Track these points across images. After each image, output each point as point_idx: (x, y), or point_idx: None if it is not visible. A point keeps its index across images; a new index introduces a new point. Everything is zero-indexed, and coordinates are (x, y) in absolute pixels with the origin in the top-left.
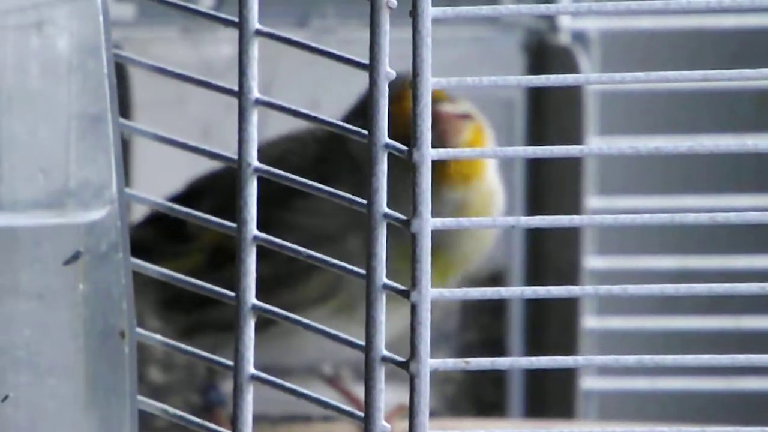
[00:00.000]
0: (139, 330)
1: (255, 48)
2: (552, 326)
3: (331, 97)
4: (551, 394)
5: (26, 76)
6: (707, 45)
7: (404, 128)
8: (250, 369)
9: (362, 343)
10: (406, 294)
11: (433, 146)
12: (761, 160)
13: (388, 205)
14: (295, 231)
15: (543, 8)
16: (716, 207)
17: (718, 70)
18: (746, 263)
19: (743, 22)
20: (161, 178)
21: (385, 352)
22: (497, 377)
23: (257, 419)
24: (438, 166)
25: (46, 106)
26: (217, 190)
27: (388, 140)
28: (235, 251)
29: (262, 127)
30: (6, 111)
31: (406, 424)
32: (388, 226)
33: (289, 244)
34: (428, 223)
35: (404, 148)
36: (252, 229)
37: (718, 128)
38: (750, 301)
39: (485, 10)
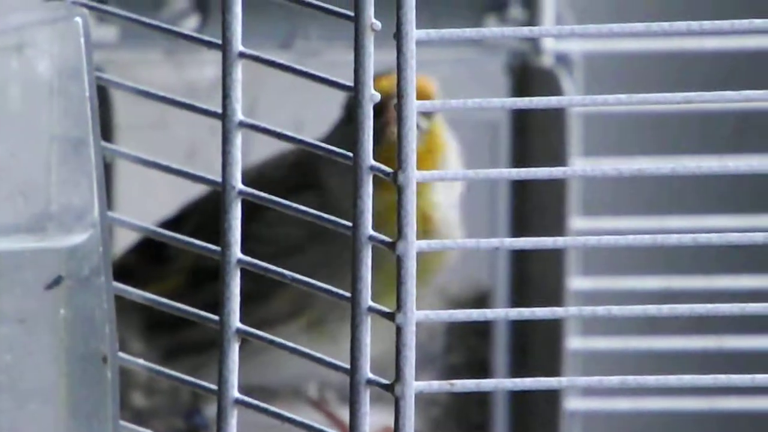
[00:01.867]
0: (122, 354)
1: (239, 70)
2: (537, 347)
3: (315, 118)
4: (536, 415)
5: (7, 99)
6: (689, 67)
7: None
8: (235, 393)
9: (347, 366)
10: (391, 316)
11: (375, 140)
12: (742, 181)
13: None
14: (261, 242)
15: (526, 30)
16: (699, 228)
17: (699, 93)
18: (729, 284)
19: (724, 45)
20: (144, 202)
21: (371, 375)
22: (482, 399)
23: None
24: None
25: (27, 130)
26: (199, 211)
27: (373, 162)
28: (213, 270)
29: (246, 150)
30: None
31: None
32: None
33: (274, 268)
34: (413, 245)
35: (389, 170)
36: (236, 252)
37: (701, 150)
38: (732, 322)
39: (469, 32)
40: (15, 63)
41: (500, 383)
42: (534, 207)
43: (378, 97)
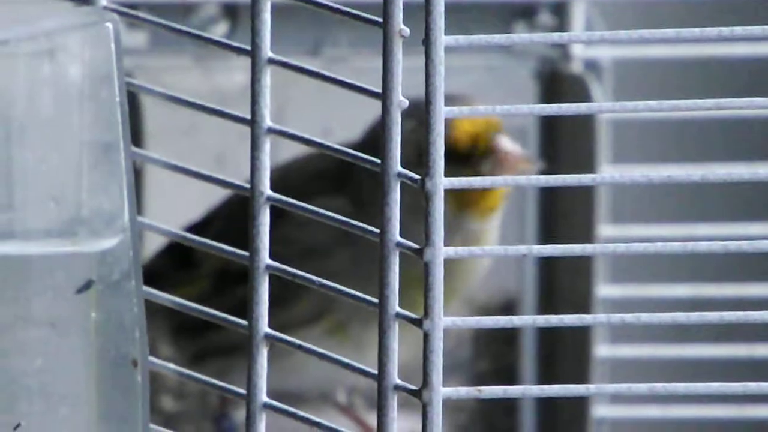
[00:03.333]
0: (152, 358)
1: (267, 76)
2: (564, 354)
3: (343, 125)
4: (563, 422)
5: (38, 105)
6: (720, 73)
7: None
8: (263, 397)
9: (375, 371)
10: (418, 323)
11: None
12: None
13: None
14: (288, 243)
15: (556, 37)
16: (729, 235)
17: (730, 99)
18: (759, 291)
19: (755, 51)
20: (174, 207)
21: (398, 381)
22: (509, 405)
23: None
24: (463, 194)
25: (58, 135)
26: (224, 215)
27: (400, 169)
28: (238, 274)
29: (274, 156)
30: (18, 139)
31: None
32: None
33: (303, 273)
34: (441, 252)
35: (417, 177)
36: (265, 257)
37: (731, 157)
38: (763, 329)
39: (498, 38)
40: (47, 68)
41: (527, 390)
42: (562, 214)
43: (406, 103)
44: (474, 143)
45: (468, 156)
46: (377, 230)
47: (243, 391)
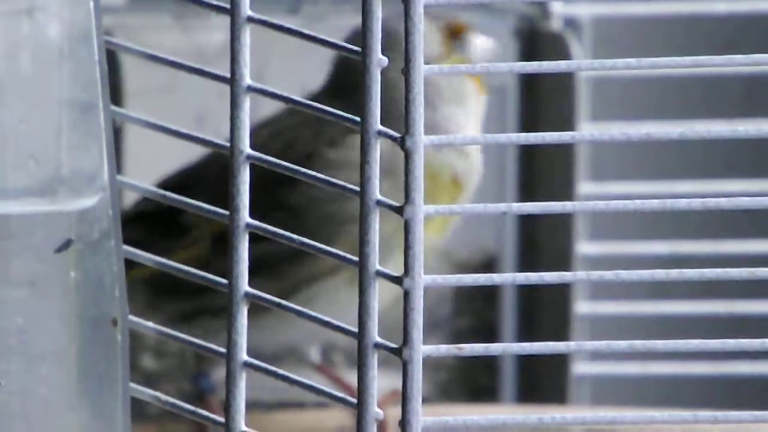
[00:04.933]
0: (131, 317)
1: (247, 35)
2: (545, 312)
3: (323, 83)
4: (544, 379)
5: (17, 64)
6: (699, 31)
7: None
8: (243, 356)
9: (355, 329)
10: (399, 281)
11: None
12: (752, 145)
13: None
14: (312, 188)
15: None
16: (708, 192)
17: (709, 56)
18: (738, 248)
19: (735, 8)
20: (153, 166)
21: (378, 339)
22: (490, 363)
23: (250, 406)
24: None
25: (37, 94)
26: (207, 179)
27: (380, 127)
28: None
29: (254, 114)
30: None
31: (398, 410)
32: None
33: (282, 232)
34: (421, 209)
35: (397, 135)
36: (244, 216)
37: (710, 114)
38: (742, 286)
39: None
40: (25, 27)
41: (508, 347)
42: (542, 171)
43: (385, 61)
44: (446, 29)
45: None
46: (357, 189)
47: (223, 349)
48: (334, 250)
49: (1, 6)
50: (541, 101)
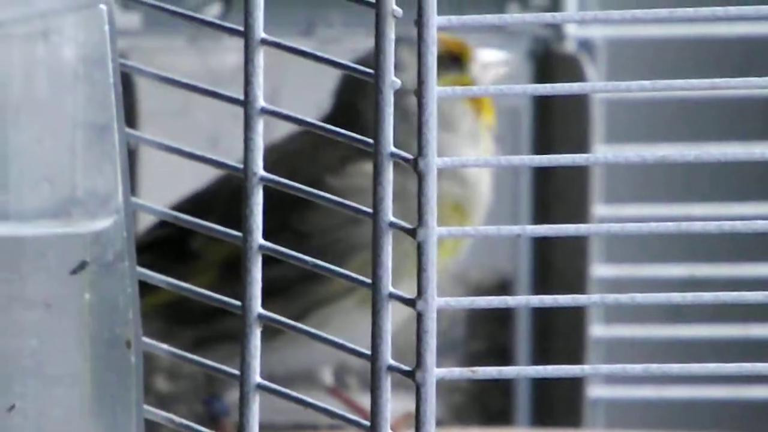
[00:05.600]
0: (145, 339)
1: (261, 57)
2: (559, 335)
3: None
4: (558, 402)
5: (33, 86)
6: (713, 53)
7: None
8: (257, 378)
9: (368, 352)
10: (412, 303)
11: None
12: None
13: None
14: (325, 217)
15: (549, 16)
16: (723, 215)
17: (724, 79)
18: (753, 272)
19: (749, 31)
20: (167, 188)
21: (392, 362)
22: (504, 386)
23: (263, 429)
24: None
25: (53, 116)
26: (218, 202)
27: (393, 149)
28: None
29: (268, 136)
30: (12, 120)
31: None
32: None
33: (294, 253)
34: (434, 231)
35: (410, 156)
36: (257, 238)
37: (725, 136)
38: (757, 310)
39: (491, 18)
40: (40, 50)
41: (522, 370)
42: (556, 194)
43: (398, 83)
44: (455, 48)
45: (454, 62)
46: (370, 210)
47: (236, 371)
48: (347, 272)
49: (16, 28)
50: (556, 123)
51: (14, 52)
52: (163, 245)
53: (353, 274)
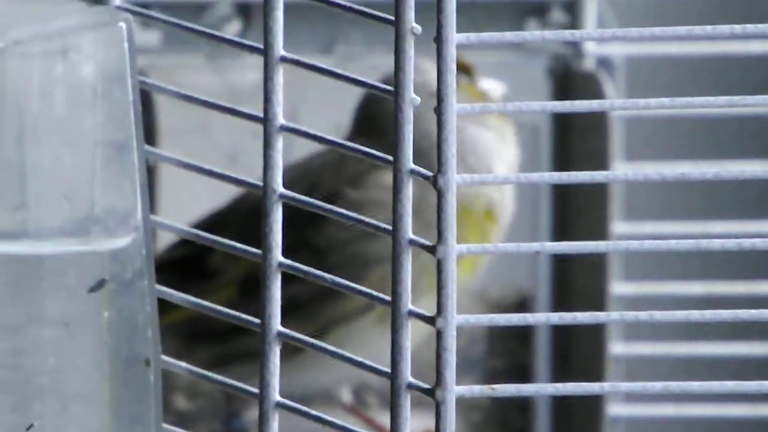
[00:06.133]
0: (164, 357)
1: (280, 74)
2: (578, 352)
3: None
4: (578, 420)
5: (51, 104)
6: (732, 71)
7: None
8: (276, 396)
9: (388, 370)
10: (431, 321)
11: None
12: None
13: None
14: (342, 231)
15: (568, 34)
16: (743, 233)
17: (743, 96)
18: None
19: None
20: (187, 205)
21: (411, 379)
22: (524, 403)
23: None
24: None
25: (72, 134)
26: (237, 219)
27: (413, 166)
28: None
29: (287, 153)
30: (31, 138)
31: None
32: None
33: (313, 271)
34: (454, 249)
35: (429, 174)
36: (277, 255)
37: (744, 154)
38: None
39: (510, 35)
40: (60, 68)
41: (542, 388)
42: (576, 211)
43: (418, 100)
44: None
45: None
46: (389, 227)
47: (256, 390)
48: (366, 290)
49: (35, 46)
50: (575, 140)
51: (33, 70)
52: (183, 263)
53: (372, 292)
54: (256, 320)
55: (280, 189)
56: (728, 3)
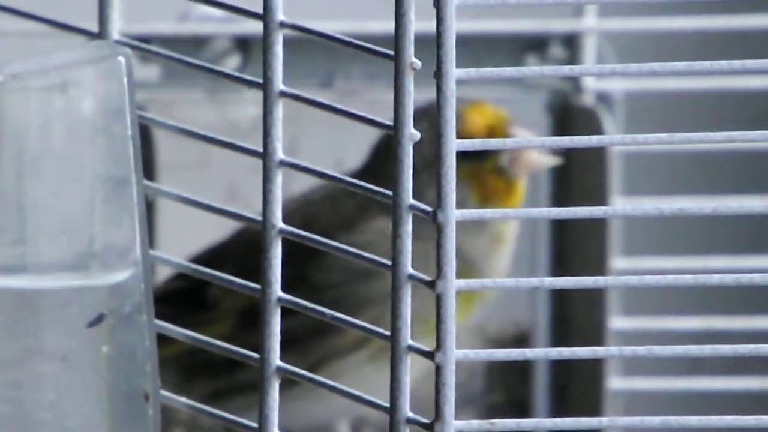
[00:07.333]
0: (164, 392)
1: (279, 109)
2: (577, 387)
3: (355, 157)
4: None
5: (50, 138)
6: (731, 106)
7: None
8: (275, 430)
9: (387, 404)
10: (430, 356)
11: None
12: None
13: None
14: (337, 270)
15: (567, 69)
16: (741, 268)
17: (741, 132)
18: None
19: (766, 83)
20: (186, 240)
21: (410, 414)
22: None
23: None
24: (487, 189)
25: (71, 168)
26: (236, 253)
27: (412, 201)
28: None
29: (286, 188)
30: (30, 173)
31: None
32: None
33: (313, 306)
34: (453, 284)
35: (428, 209)
36: (276, 290)
37: (742, 189)
38: None
39: (509, 71)
40: (59, 102)
41: (540, 423)
42: (574, 246)
43: (418, 135)
44: (489, 135)
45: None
46: (389, 263)
47: (255, 424)
48: (365, 324)
49: (35, 81)
50: (574, 176)
51: (32, 104)
52: (180, 295)
53: (372, 327)
54: (256, 355)
55: (280, 224)
56: (726, 39)
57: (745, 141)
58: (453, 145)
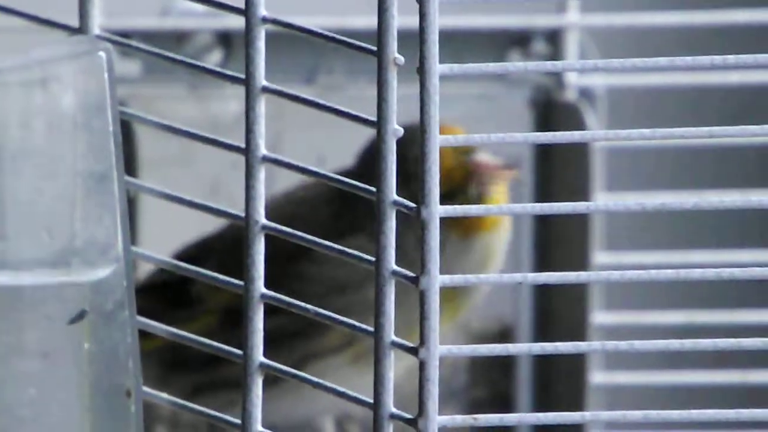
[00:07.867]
0: (145, 389)
1: (262, 105)
2: (560, 382)
3: (338, 153)
4: None
5: (31, 134)
6: (712, 101)
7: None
8: (258, 427)
9: (370, 400)
10: (414, 351)
11: (473, 196)
12: (766, 215)
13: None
14: (315, 282)
15: (550, 65)
16: (722, 262)
17: (723, 127)
18: (752, 318)
19: (747, 79)
20: (168, 236)
21: (394, 410)
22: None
23: None
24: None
25: (51, 164)
26: (220, 249)
27: (396, 197)
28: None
29: (269, 184)
30: (10, 169)
31: None
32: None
33: (296, 302)
34: (437, 280)
35: (412, 205)
36: (259, 287)
37: (724, 184)
38: (756, 356)
39: (492, 66)
40: (39, 97)
41: (523, 418)
42: (557, 242)
43: (401, 131)
44: (450, 175)
45: (452, 190)
46: (373, 259)
47: (238, 420)
48: (350, 321)
49: (15, 76)
50: (556, 171)
51: (12, 99)
52: (164, 289)
53: (356, 323)
54: (239, 351)
55: (263, 220)
56: (708, 34)
57: (727, 136)
58: (437, 140)
